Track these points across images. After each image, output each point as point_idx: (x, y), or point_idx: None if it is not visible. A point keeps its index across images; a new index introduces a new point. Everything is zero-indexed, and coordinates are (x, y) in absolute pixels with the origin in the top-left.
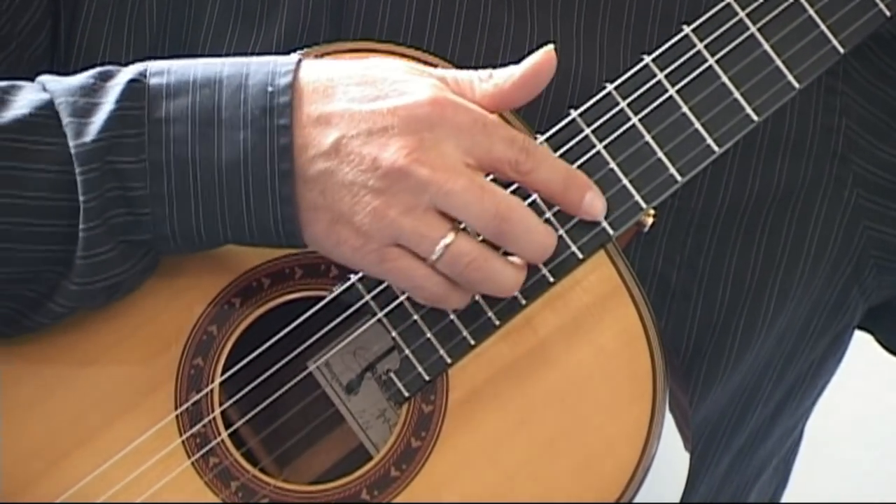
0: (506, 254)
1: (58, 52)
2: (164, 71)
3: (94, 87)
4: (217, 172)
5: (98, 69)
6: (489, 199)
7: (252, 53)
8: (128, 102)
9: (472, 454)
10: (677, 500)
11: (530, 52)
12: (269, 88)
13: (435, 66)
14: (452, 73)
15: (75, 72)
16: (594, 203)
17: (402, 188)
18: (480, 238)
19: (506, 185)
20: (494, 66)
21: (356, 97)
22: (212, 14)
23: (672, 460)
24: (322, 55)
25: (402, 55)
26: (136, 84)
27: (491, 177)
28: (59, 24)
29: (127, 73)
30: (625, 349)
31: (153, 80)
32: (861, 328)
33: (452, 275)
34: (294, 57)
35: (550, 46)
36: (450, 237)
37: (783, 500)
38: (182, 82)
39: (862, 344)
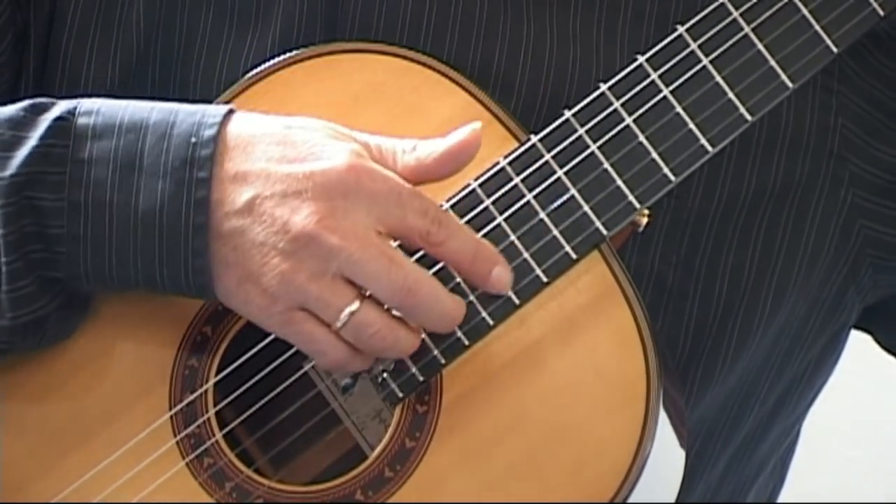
0: None
1: (34, 66)
2: (92, 111)
3: (24, 121)
4: (133, 219)
5: (31, 101)
6: (397, 271)
7: (247, 57)
8: (52, 140)
9: (467, 454)
10: (672, 501)
11: (526, 52)
12: (193, 139)
13: (429, 66)
14: (376, 141)
15: (57, 87)
16: (501, 276)
17: (310, 254)
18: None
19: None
20: (491, 68)
21: (274, 157)
22: (206, 20)
23: (667, 460)
24: (318, 55)
25: (397, 55)
26: (63, 122)
27: (397, 242)
28: (28, 35)
29: (57, 109)
30: (619, 349)
31: (80, 120)
32: (857, 327)
33: (356, 342)
34: (223, 108)
35: (477, 124)
36: (355, 305)
37: (781, 500)
38: (108, 125)
39: (859, 343)
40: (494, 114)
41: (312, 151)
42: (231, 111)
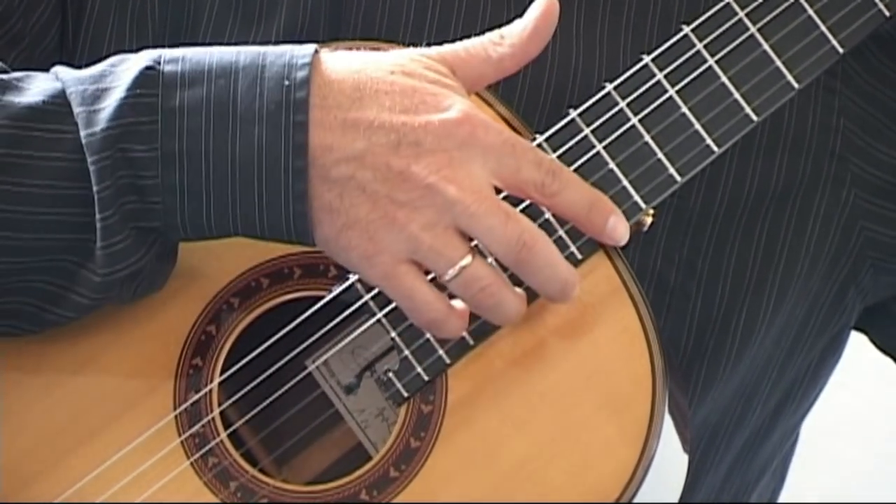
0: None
1: (67, 48)
2: (178, 59)
3: (105, 74)
4: (230, 167)
5: (113, 58)
6: (513, 225)
7: None
8: (141, 90)
9: (472, 454)
10: (676, 502)
11: None
12: (286, 83)
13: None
14: (463, 46)
15: (81, 67)
16: (617, 227)
17: (427, 204)
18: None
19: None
20: None
21: (386, 105)
22: (211, 10)
23: (672, 460)
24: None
25: None
26: (150, 71)
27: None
28: (68, 20)
29: (141, 60)
30: (624, 349)
31: (167, 68)
32: (856, 328)
33: (463, 297)
34: (310, 48)
35: None
36: (467, 259)
37: (782, 500)
38: (197, 71)
39: (861, 344)
40: (499, 112)
41: (425, 101)
42: (317, 50)
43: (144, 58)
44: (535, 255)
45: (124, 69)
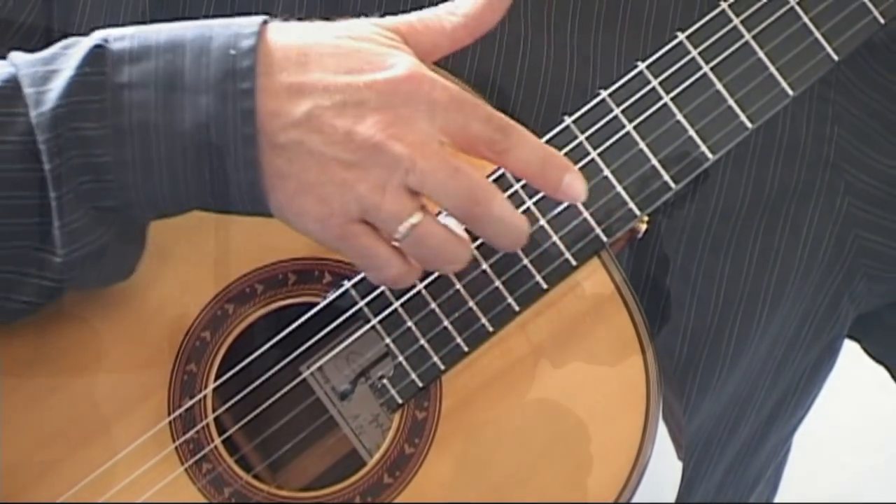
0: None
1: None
2: (125, 36)
3: (56, 56)
4: (180, 138)
5: (65, 40)
6: (464, 178)
7: None
8: (89, 68)
9: (466, 461)
10: None
11: (523, 59)
12: (232, 52)
13: None
14: (417, 16)
15: None
16: (573, 184)
17: (374, 163)
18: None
19: None
20: (487, 73)
21: (330, 68)
22: (207, 11)
23: (666, 467)
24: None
25: None
26: (98, 49)
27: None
28: (53, 27)
29: (90, 40)
30: (618, 356)
31: (115, 45)
32: (849, 337)
33: (416, 255)
34: (257, 19)
35: None
36: (417, 216)
37: (778, 500)
38: (144, 47)
39: (856, 347)
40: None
41: (370, 61)
42: (266, 21)
43: (94, 38)
44: (486, 208)
45: (74, 50)
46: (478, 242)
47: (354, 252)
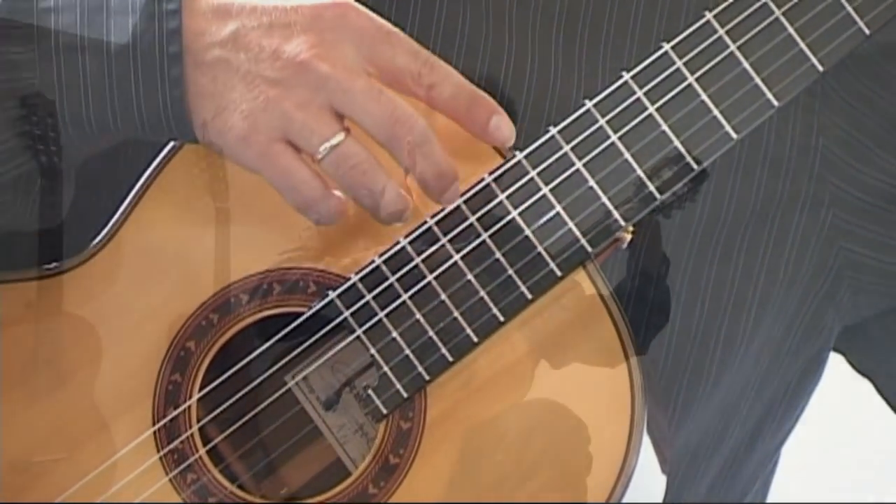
0: None
1: None
2: None
3: None
4: (106, 58)
5: None
6: (387, 101)
7: None
8: None
9: (451, 471)
10: None
11: (507, 68)
12: None
13: None
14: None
15: None
16: (500, 126)
17: (300, 82)
18: None
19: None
20: (472, 81)
21: None
22: None
23: (651, 480)
24: None
25: None
26: None
27: None
28: None
29: None
30: (603, 366)
31: None
32: (834, 349)
33: (335, 176)
34: None
35: None
36: (339, 136)
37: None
38: None
39: (837, 366)
40: None
41: None
42: None
43: None
44: (408, 132)
45: None
46: (462, 253)
47: (274, 170)
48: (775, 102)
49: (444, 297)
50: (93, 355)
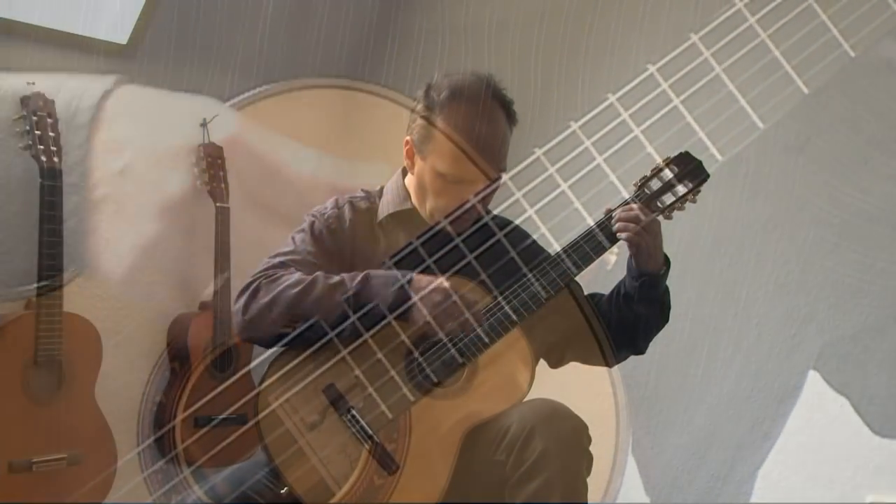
0: None
1: None
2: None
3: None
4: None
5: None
6: None
7: None
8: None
9: (435, 493)
10: None
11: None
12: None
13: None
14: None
15: None
16: None
17: None
18: None
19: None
20: None
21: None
22: None
23: (634, 501)
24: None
25: (363, 91)
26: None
27: None
28: None
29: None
30: (587, 388)
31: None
32: (813, 368)
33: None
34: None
35: None
36: None
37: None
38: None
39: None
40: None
41: None
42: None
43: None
44: None
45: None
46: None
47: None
48: (760, 125)
49: (428, 317)
50: None
